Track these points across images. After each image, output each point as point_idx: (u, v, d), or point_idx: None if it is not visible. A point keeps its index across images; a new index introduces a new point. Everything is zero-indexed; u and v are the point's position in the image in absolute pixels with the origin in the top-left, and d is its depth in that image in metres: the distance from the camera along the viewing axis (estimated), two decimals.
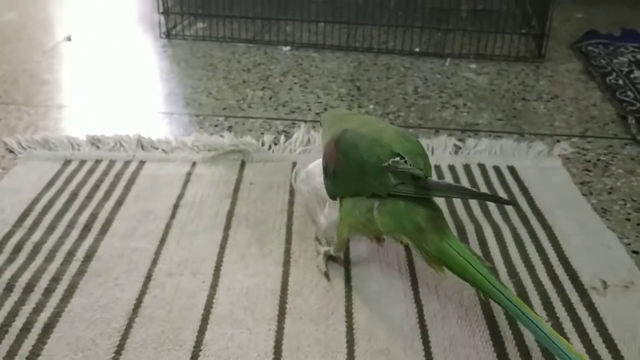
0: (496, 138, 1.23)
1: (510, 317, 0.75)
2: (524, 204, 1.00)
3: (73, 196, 1.01)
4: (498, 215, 0.96)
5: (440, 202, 0.82)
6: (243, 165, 1.11)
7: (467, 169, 1.10)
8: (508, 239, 0.91)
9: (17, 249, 0.88)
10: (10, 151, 1.15)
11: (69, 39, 1.81)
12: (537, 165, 1.12)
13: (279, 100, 1.40)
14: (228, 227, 0.93)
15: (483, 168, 1.10)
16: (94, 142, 1.17)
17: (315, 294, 0.80)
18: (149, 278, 0.82)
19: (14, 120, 1.29)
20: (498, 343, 0.73)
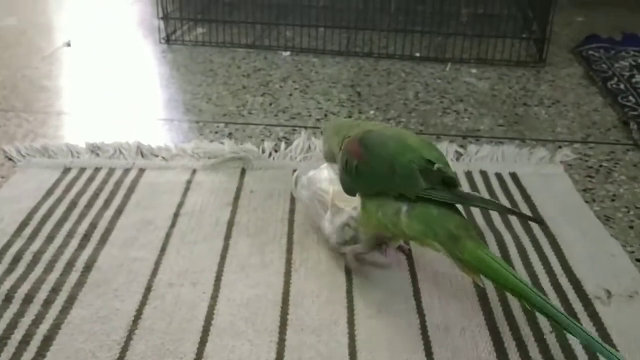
0: (498, 144, 1.22)
1: (515, 328, 0.75)
2: (527, 212, 0.99)
3: (73, 205, 1.00)
4: (501, 224, 0.96)
5: None
6: (243, 173, 1.10)
7: (470, 176, 1.10)
8: (511, 247, 0.90)
9: (17, 259, 0.87)
10: (10, 159, 1.14)
11: (69, 45, 1.80)
12: (540, 172, 1.11)
13: (279, 106, 1.40)
14: (229, 237, 0.93)
15: (485, 175, 1.10)
16: (93, 150, 1.16)
17: (316, 305, 0.79)
18: (149, 289, 0.82)
19: (13, 127, 1.28)
20: (502, 354, 0.72)
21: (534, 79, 1.59)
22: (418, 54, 1.72)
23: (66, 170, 1.10)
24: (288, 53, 1.74)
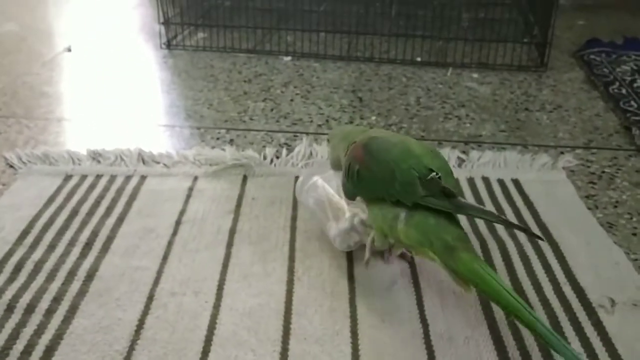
0: (500, 150, 1.22)
1: (519, 339, 0.74)
2: (529, 219, 0.99)
3: (74, 213, 1.00)
4: (504, 231, 0.95)
5: None
6: (245, 179, 1.10)
7: (472, 182, 1.09)
8: (514, 255, 0.90)
9: (18, 268, 0.87)
10: (11, 166, 1.14)
11: (69, 50, 1.80)
12: (542, 178, 1.11)
13: (280, 111, 1.40)
14: (230, 245, 0.92)
15: (487, 181, 1.09)
16: (94, 157, 1.16)
17: (319, 314, 0.79)
18: (151, 298, 0.81)
19: (14, 134, 1.28)
20: None
21: (535, 83, 1.58)
22: (419, 59, 1.72)
23: (67, 177, 1.10)
24: (289, 58, 1.74)
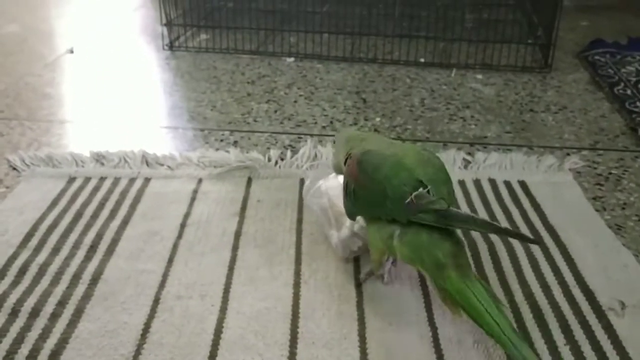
0: (505, 151, 1.21)
1: (528, 341, 0.74)
2: (537, 221, 0.98)
3: (78, 215, 0.99)
4: None
5: None
6: (250, 181, 1.09)
7: (478, 184, 1.09)
8: (522, 258, 0.89)
9: (22, 271, 0.86)
10: (14, 168, 1.13)
11: (72, 52, 1.79)
12: (548, 180, 1.10)
13: (284, 113, 1.39)
14: (236, 247, 0.92)
15: (494, 183, 1.09)
16: (98, 159, 1.15)
17: (327, 317, 0.78)
18: (157, 301, 0.81)
19: (16, 136, 1.27)
20: None
21: (539, 84, 1.58)
22: (422, 60, 1.71)
23: (71, 180, 1.09)
24: (292, 59, 1.73)
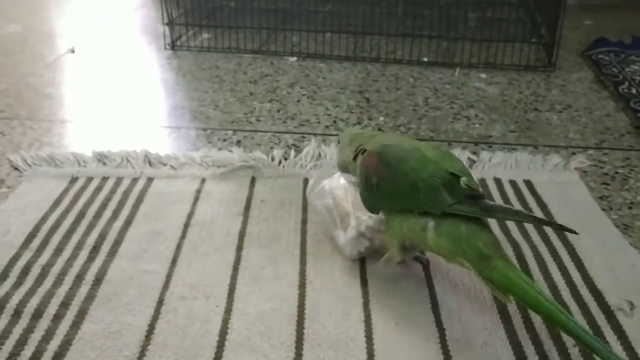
0: (510, 151, 1.20)
1: (537, 343, 0.73)
2: None
3: (80, 215, 0.98)
4: (517, 233, 0.94)
5: None
6: (253, 181, 1.08)
7: (483, 183, 1.08)
8: (529, 257, 0.88)
9: (25, 272, 0.85)
10: (16, 168, 1.12)
11: (73, 51, 1.78)
12: (554, 180, 1.09)
13: (287, 112, 1.38)
14: (240, 248, 0.91)
15: (499, 182, 1.08)
16: (100, 159, 1.15)
17: (333, 318, 0.77)
18: (160, 302, 0.80)
19: (18, 135, 1.26)
20: None
21: (543, 83, 1.57)
22: (426, 59, 1.70)
23: (73, 180, 1.08)
24: (294, 58, 1.72)
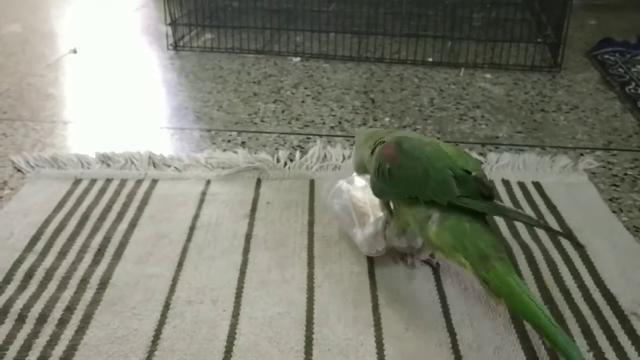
0: (518, 152, 1.19)
1: (551, 349, 0.72)
2: (554, 223, 0.96)
3: (85, 218, 0.97)
4: (527, 235, 0.92)
5: None
6: (259, 183, 1.07)
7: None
8: (540, 261, 0.87)
9: (28, 276, 0.84)
10: (18, 170, 1.11)
11: (75, 52, 1.77)
12: (563, 181, 1.08)
13: (291, 113, 1.37)
14: (247, 251, 0.89)
15: (508, 184, 1.07)
16: (104, 160, 1.13)
17: (342, 322, 0.76)
18: (167, 307, 0.79)
19: (20, 137, 1.25)
20: None
21: (549, 83, 1.56)
22: (430, 59, 1.69)
23: (76, 182, 1.07)
24: (298, 58, 1.71)
